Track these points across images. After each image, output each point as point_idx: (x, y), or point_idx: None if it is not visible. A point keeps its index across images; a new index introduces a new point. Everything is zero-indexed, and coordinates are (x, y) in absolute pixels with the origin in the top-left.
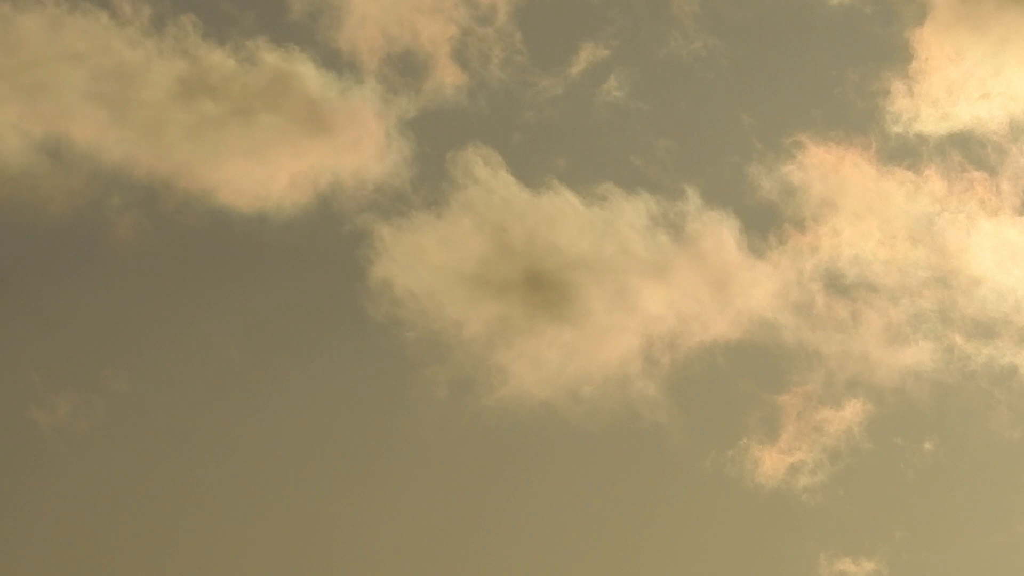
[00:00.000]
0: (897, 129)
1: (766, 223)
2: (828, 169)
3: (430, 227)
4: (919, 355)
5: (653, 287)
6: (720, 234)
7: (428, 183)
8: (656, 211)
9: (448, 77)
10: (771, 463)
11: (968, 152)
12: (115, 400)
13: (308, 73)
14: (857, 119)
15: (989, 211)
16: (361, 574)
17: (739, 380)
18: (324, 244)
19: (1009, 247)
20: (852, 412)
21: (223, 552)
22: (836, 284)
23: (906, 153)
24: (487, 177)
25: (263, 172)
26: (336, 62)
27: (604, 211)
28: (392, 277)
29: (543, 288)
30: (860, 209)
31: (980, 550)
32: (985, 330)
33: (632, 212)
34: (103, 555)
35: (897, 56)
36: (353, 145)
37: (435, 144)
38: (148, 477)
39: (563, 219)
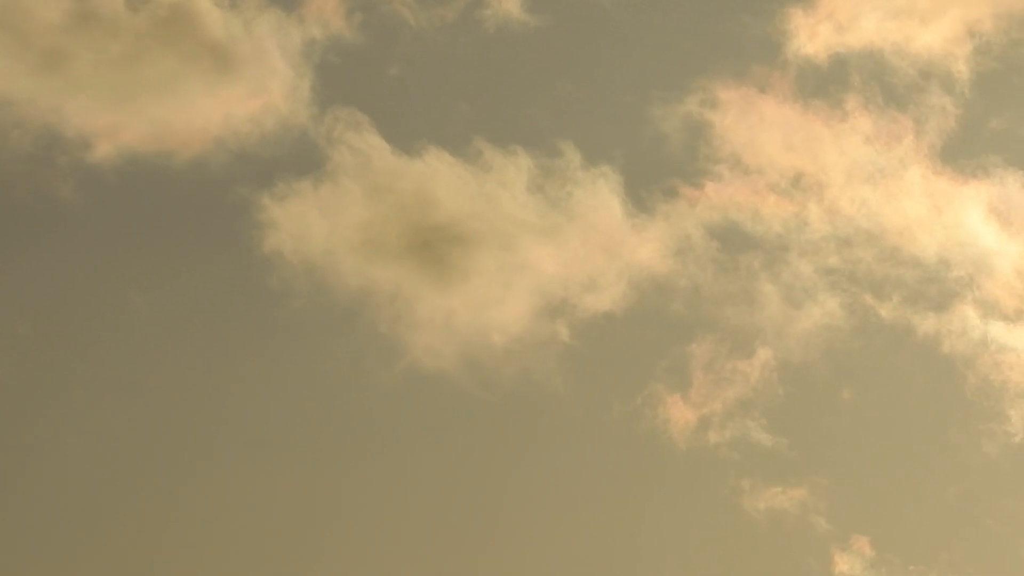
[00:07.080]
0: (800, 68)
1: (659, 174)
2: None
3: (307, 194)
4: (826, 312)
5: (545, 249)
6: (607, 190)
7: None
8: (536, 170)
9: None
10: (682, 415)
11: (884, 90)
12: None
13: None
14: (758, 55)
15: (904, 156)
16: (261, 553)
17: (641, 336)
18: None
19: (923, 196)
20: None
21: (125, 526)
22: (734, 237)
23: (811, 93)
24: (358, 141)
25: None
26: None
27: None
28: (274, 246)
29: (426, 257)
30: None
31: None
32: (893, 286)
33: (514, 171)
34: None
35: None
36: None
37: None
38: (45, 435)
39: (441, 183)
